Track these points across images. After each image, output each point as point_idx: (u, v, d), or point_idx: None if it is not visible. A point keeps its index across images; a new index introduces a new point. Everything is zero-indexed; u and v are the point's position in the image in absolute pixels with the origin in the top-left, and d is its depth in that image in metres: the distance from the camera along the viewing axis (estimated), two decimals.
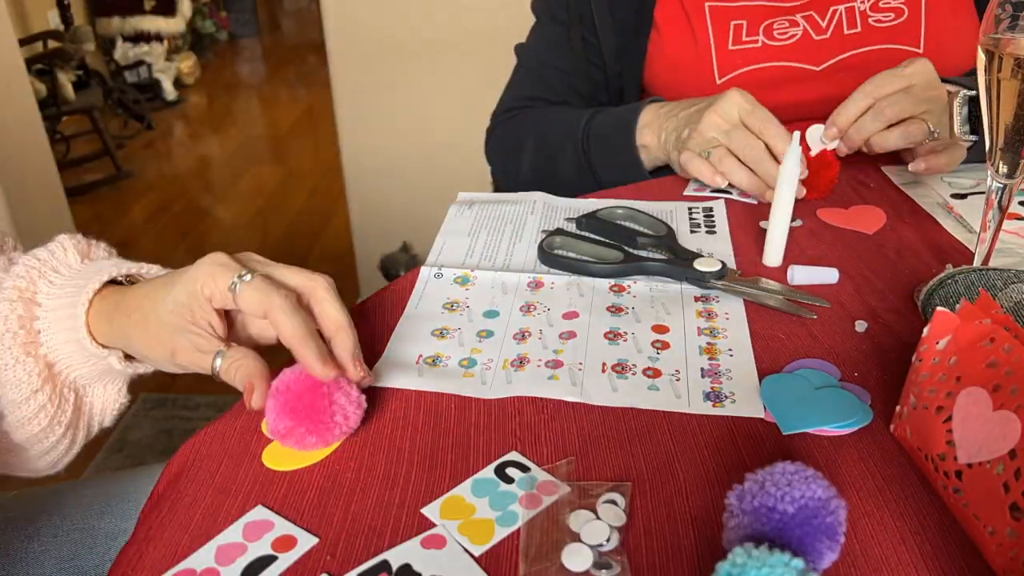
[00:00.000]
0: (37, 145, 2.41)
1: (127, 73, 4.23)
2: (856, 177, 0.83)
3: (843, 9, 0.88)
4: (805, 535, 0.36)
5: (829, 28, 0.88)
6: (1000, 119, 0.52)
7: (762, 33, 0.88)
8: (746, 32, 0.89)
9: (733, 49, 0.89)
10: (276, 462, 0.47)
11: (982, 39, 0.51)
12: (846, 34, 0.88)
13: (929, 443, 0.42)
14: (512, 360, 0.55)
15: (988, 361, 0.39)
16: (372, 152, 2.13)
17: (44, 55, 3.21)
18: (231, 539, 0.41)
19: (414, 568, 0.39)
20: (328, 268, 1.95)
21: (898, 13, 0.87)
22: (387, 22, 1.96)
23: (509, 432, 0.48)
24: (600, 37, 0.94)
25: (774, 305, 0.60)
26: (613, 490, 0.43)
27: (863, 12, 0.88)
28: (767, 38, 0.88)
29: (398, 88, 2.04)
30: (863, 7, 0.88)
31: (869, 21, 0.88)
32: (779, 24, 0.88)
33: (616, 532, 0.40)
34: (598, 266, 0.65)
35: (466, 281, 0.65)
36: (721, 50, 0.89)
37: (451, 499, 0.43)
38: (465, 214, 0.77)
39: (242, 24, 5.78)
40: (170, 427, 1.85)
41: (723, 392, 0.51)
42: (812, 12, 0.89)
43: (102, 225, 2.99)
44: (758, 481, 0.37)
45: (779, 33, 0.88)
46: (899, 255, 0.68)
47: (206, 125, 4.21)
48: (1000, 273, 0.53)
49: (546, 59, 0.99)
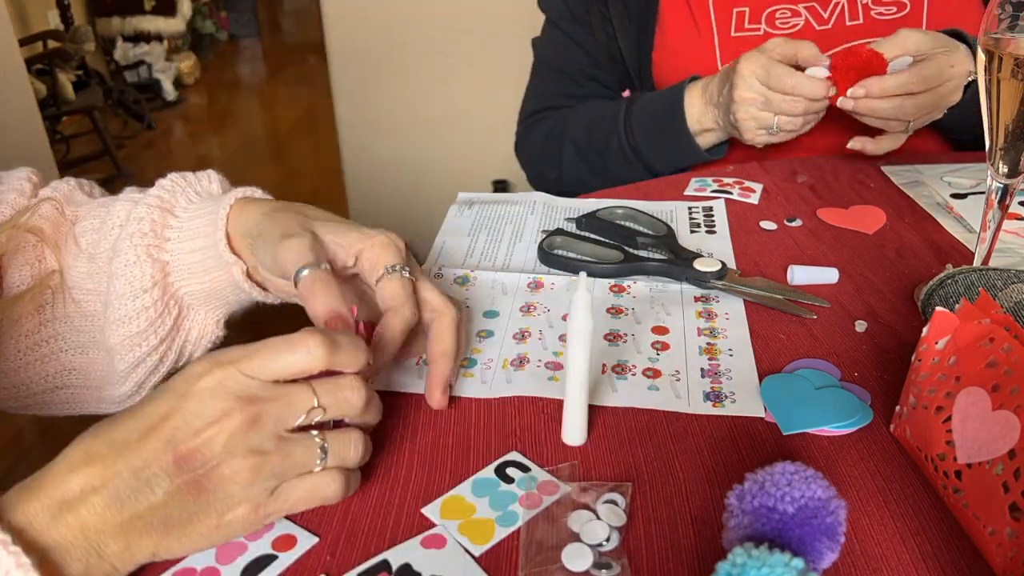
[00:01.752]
0: (37, 145, 2.41)
1: (127, 73, 4.23)
2: (856, 177, 0.83)
3: (845, 1, 0.88)
4: (805, 535, 0.36)
5: (831, 19, 0.88)
6: (1000, 119, 0.52)
7: (764, 21, 0.89)
8: (748, 20, 0.89)
9: (736, 36, 0.90)
10: None
11: (982, 39, 0.52)
12: (848, 25, 0.88)
13: (929, 443, 0.42)
14: (512, 360, 0.55)
15: (987, 361, 0.39)
16: (372, 152, 2.13)
17: (44, 55, 3.20)
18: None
19: (414, 568, 0.39)
20: None
21: (900, 7, 0.88)
22: (387, 22, 1.96)
23: (509, 432, 0.48)
24: (617, 30, 0.95)
25: (774, 305, 0.60)
26: (613, 490, 0.43)
27: (865, 5, 0.88)
28: (769, 26, 0.89)
29: (398, 88, 2.04)
30: (865, 0, 0.88)
31: (871, 14, 0.88)
32: (781, 13, 0.89)
33: (616, 532, 0.40)
34: (598, 266, 0.65)
35: (466, 281, 0.65)
36: (724, 37, 0.90)
37: (451, 499, 0.43)
38: (465, 214, 0.77)
39: (242, 24, 5.78)
40: None
41: (723, 392, 0.51)
42: (815, 3, 0.89)
43: None
44: (758, 481, 0.37)
45: (781, 22, 0.89)
46: (899, 255, 0.68)
47: (206, 125, 4.21)
48: (1000, 273, 0.53)
49: (566, 56, 1.00)
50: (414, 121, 2.08)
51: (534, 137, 1.04)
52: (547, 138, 1.01)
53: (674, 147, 0.89)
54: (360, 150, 2.13)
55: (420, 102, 2.06)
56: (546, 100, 1.03)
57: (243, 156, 3.68)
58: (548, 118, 1.02)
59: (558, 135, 0.99)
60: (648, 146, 0.91)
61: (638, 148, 0.91)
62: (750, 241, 0.71)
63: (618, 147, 0.93)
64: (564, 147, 0.99)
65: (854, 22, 0.88)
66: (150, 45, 4.31)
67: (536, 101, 1.04)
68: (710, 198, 0.79)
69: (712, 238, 0.72)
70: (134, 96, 3.96)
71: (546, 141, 1.01)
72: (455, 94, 2.05)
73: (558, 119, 1.00)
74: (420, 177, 2.14)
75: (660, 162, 0.91)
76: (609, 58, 0.98)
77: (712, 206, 0.78)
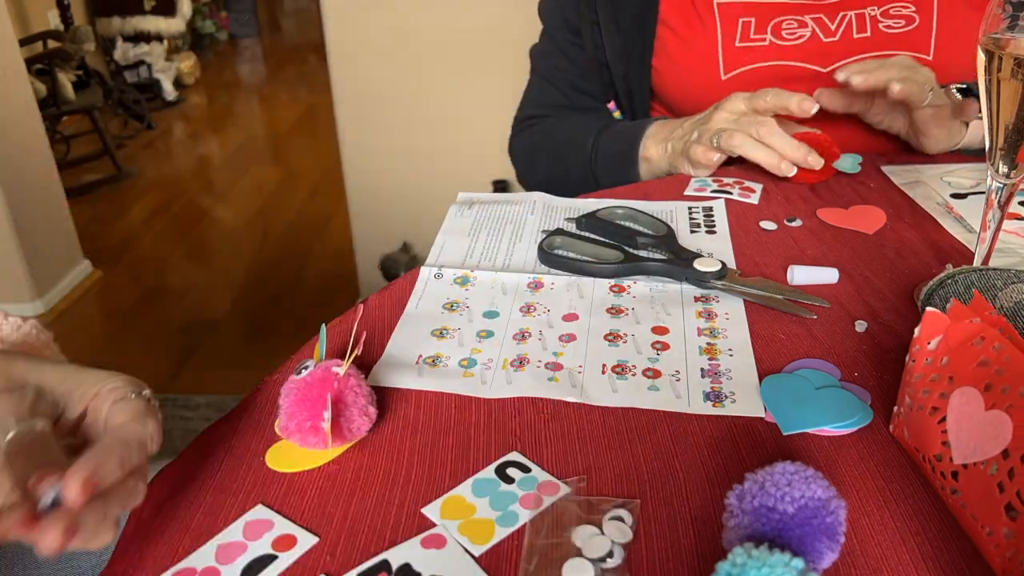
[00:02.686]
0: (37, 145, 2.41)
1: (127, 73, 4.23)
2: (856, 177, 0.83)
3: (853, 15, 0.88)
4: (805, 535, 0.36)
5: (838, 31, 0.88)
6: (1000, 119, 0.52)
7: (770, 32, 0.88)
8: (754, 30, 0.89)
9: (740, 46, 0.89)
10: (278, 463, 0.47)
11: (982, 39, 0.52)
12: (855, 38, 0.88)
13: (926, 444, 0.42)
14: (512, 360, 0.55)
15: (979, 360, 0.39)
16: (372, 152, 2.13)
17: (44, 55, 3.21)
18: (231, 538, 0.41)
19: (414, 568, 0.39)
20: (328, 268, 1.97)
21: (909, 20, 0.87)
22: (387, 22, 1.96)
23: (509, 432, 0.48)
24: (604, 38, 0.94)
25: (774, 305, 0.60)
26: (621, 507, 0.42)
27: (874, 18, 0.87)
28: (775, 37, 0.88)
29: (398, 88, 2.04)
30: (874, 13, 0.87)
31: (879, 27, 0.87)
32: (788, 24, 0.88)
33: (620, 548, 0.39)
34: (598, 266, 0.65)
35: (466, 281, 0.65)
36: (728, 47, 0.89)
37: (451, 499, 0.43)
38: (465, 214, 0.77)
39: (242, 24, 5.78)
40: (170, 427, 1.85)
41: (723, 392, 0.51)
42: (822, 15, 0.88)
43: (102, 225, 2.99)
44: (758, 481, 0.37)
45: (787, 33, 0.88)
46: (899, 255, 0.68)
47: (206, 125, 4.22)
48: (1000, 273, 0.53)
49: (558, 65, 1.01)
50: (414, 121, 2.08)
51: (518, 144, 1.06)
52: (528, 147, 1.04)
53: (625, 175, 0.91)
54: (360, 150, 2.13)
55: (420, 102, 2.05)
56: (534, 108, 1.05)
57: (243, 156, 3.68)
58: (534, 127, 1.04)
59: (537, 146, 1.02)
60: (605, 175, 0.93)
61: (599, 177, 0.94)
62: (750, 241, 0.71)
63: (582, 170, 0.95)
64: (539, 160, 1.02)
65: (862, 35, 0.87)
66: (150, 45, 4.31)
67: (525, 109, 1.06)
68: (710, 198, 0.79)
69: (712, 238, 0.72)
70: (134, 96, 3.96)
71: (526, 149, 1.04)
72: (455, 94, 2.05)
73: (540, 130, 1.03)
74: (420, 177, 2.14)
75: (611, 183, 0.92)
76: (598, 66, 0.98)
77: (712, 206, 0.78)
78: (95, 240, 2.82)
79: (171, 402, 1.94)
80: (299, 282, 2.54)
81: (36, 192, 2.39)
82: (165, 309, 2.46)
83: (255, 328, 2.30)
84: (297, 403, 0.46)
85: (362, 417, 0.47)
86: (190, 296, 2.52)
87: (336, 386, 0.47)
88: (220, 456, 0.48)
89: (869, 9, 0.87)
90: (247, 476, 0.46)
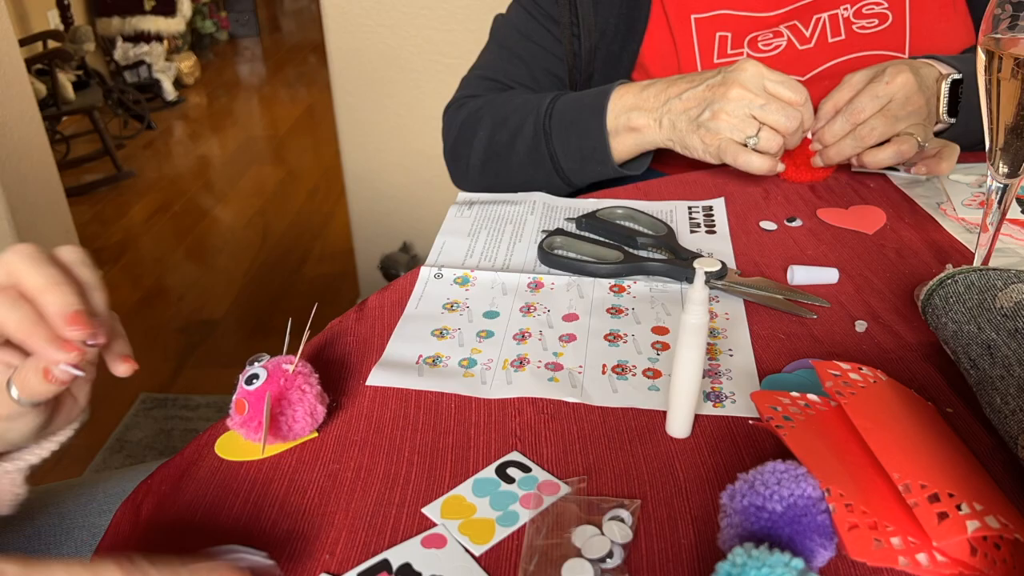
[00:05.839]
0: (37, 145, 2.41)
1: (127, 73, 4.23)
2: (856, 177, 0.83)
3: (827, 17, 0.87)
4: (795, 533, 0.36)
5: (813, 37, 0.87)
6: (1000, 119, 0.52)
7: (747, 46, 0.88)
8: (731, 45, 0.88)
9: (719, 63, 0.88)
10: (225, 451, 0.48)
11: (982, 39, 0.52)
12: (830, 42, 0.87)
13: None
14: (512, 360, 0.55)
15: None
16: (372, 152, 2.13)
17: (44, 55, 3.20)
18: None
19: (414, 567, 0.39)
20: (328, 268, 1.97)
21: (882, 19, 0.86)
22: (387, 23, 1.96)
23: (509, 432, 0.48)
24: (581, 34, 0.91)
25: (774, 305, 0.60)
26: (621, 507, 0.42)
27: (847, 19, 0.87)
28: (752, 50, 0.88)
29: (398, 88, 2.04)
30: (847, 14, 0.87)
31: (853, 28, 0.87)
32: (764, 37, 0.88)
33: (620, 548, 0.39)
34: (598, 266, 0.65)
35: (466, 281, 0.65)
36: (706, 63, 0.88)
37: (452, 499, 0.43)
38: (465, 214, 0.77)
39: (242, 24, 5.78)
40: (170, 427, 1.85)
41: (723, 392, 0.51)
42: (796, 21, 0.88)
43: (102, 225, 2.99)
44: (748, 480, 0.37)
45: (764, 45, 0.88)
46: (899, 255, 0.68)
47: (206, 125, 4.21)
48: (1000, 273, 0.53)
49: (526, 42, 0.93)
50: (414, 121, 2.08)
51: (455, 112, 0.94)
52: (470, 115, 0.91)
53: (583, 143, 0.81)
54: (360, 150, 2.13)
55: (420, 102, 2.05)
56: (498, 75, 0.94)
57: (243, 156, 3.68)
58: (481, 98, 0.92)
59: (480, 114, 0.90)
60: (560, 140, 0.83)
61: (552, 141, 0.83)
62: (750, 241, 0.71)
63: (532, 133, 0.84)
64: (480, 127, 0.89)
65: (836, 38, 0.87)
66: (150, 45, 4.31)
67: (484, 71, 0.95)
68: (710, 198, 0.79)
69: (712, 238, 0.72)
70: (134, 96, 3.96)
71: (468, 118, 0.91)
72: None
73: (488, 100, 0.91)
74: (420, 177, 2.14)
75: (567, 159, 0.83)
76: (573, 57, 0.93)
77: (712, 206, 0.78)
78: (95, 240, 2.82)
79: (171, 402, 1.94)
80: (299, 282, 2.54)
81: (36, 192, 2.39)
82: (165, 309, 2.45)
83: (255, 328, 2.30)
84: (241, 397, 0.47)
85: (306, 418, 0.47)
86: (190, 296, 2.52)
87: (282, 384, 0.46)
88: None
89: (841, 9, 0.87)
90: (247, 475, 0.46)
